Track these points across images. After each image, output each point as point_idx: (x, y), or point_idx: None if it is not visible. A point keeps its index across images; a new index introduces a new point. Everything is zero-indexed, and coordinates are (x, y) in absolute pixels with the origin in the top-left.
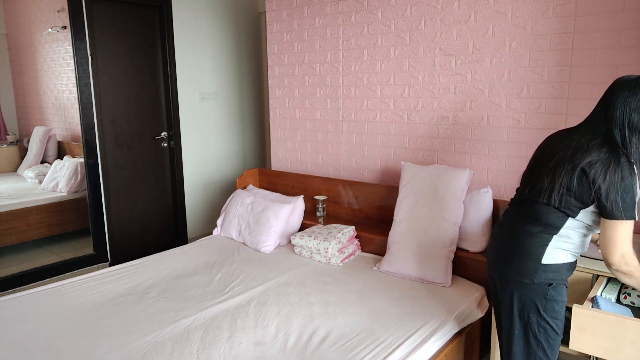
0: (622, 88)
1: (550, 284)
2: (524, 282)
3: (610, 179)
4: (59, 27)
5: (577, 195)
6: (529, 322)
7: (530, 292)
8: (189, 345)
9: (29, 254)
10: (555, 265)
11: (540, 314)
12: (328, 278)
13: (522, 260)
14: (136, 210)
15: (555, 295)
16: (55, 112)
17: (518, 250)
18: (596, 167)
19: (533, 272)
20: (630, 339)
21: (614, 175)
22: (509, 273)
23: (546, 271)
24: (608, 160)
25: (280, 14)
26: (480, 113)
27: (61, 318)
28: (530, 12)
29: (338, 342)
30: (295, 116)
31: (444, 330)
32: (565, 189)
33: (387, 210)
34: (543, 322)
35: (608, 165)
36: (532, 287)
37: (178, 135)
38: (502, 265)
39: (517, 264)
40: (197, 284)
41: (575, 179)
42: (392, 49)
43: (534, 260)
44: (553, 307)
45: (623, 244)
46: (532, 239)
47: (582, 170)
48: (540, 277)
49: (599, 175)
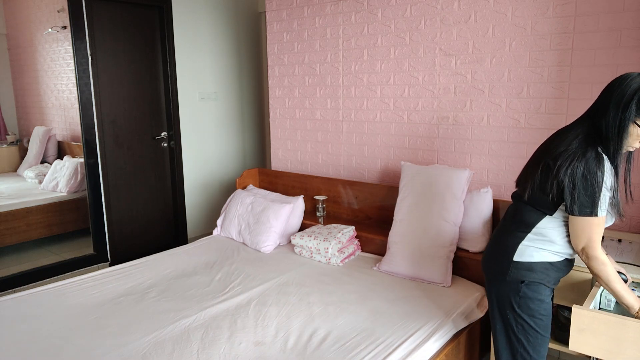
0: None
1: (523, 281)
2: (499, 279)
3: (572, 172)
4: (59, 27)
5: (543, 190)
6: (507, 317)
7: (505, 288)
8: (189, 345)
9: (29, 254)
10: (527, 264)
11: (515, 310)
12: (328, 278)
13: (498, 257)
14: (136, 210)
15: (529, 294)
16: (55, 112)
17: (496, 248)
18: (559, 162)
19: (506, 268)
20: (631, 340)
21: (576, 168)
22: (489, 270)
23: (518, 268)
24: (574, 153)
25: (280, 14)
26: (480, 113)
27: (61, 318)
28: (530, 12)
29: (338, 342)
30: (295, 116)
31: (444, 330)
32: (535, 185)
33: (387, 210)
34: (520, 320)
35: (572, 158)
36: (505, 283)
37: (178, 135)
38: (484, 263)
39: (494, 260)
40: (197, 284)
41: (541, 173)
42: (392, 49)
43: (506, 257)
44: (528, 305)
45: (584, 239)
46: (507, 236)
47: (547, 164)
48: (512, 274)
49: (561, 168)
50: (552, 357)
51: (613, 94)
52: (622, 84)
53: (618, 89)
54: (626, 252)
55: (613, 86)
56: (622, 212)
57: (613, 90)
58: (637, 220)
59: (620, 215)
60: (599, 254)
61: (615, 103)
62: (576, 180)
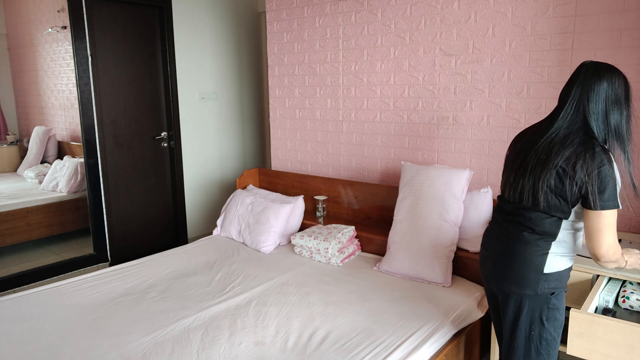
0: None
1: (553, 292)
2: (527, 294)
3: (588, 170)
4: (59, 27)
5: (561, 195)
6: (531, 334)
7: (534, 303)
8: (189, 345)
9: (29, 254)
10: (556, 274)
11: (543, 324)
12: (328, 278)
13: (524, 271)
14: (136, 210)
15: (557, 304)
16: (55, 112)
17: (516, 261)
18: (573, 161)
19: (535, 282)
20: (629, 344)
21: (591, 165)
22: (511, 285)
23: (548, 280)
24: (584, 152)
25: (280, 14)
26: (480, 113)
27: (61, 318)
28: (530, 12)
29: (338, 342)
30: (295, 116)
31: (444, 330)
32: (548, 190)
33: (387, 210)
34: (545, 333)
35: (584, 157)
36: (535, 298)
37: (178, 135)
38: (502, 277)
39: (518, 275)
40: (197, 284)
41: (555, 178)
42: (392, 49)
43: (536, 271)
44: (555, 316)
45: (608, 234)
46: (531, 248)
47: (561, 168)
48: (543, 287)
49: (577, 168)
50: None
51: (607, 94)
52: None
53: (609, 89)
54: None
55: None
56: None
57: (601, 90)
58: (637, 220)
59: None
60: (619, 247)
61: (617, 103)
62: (598, 177)
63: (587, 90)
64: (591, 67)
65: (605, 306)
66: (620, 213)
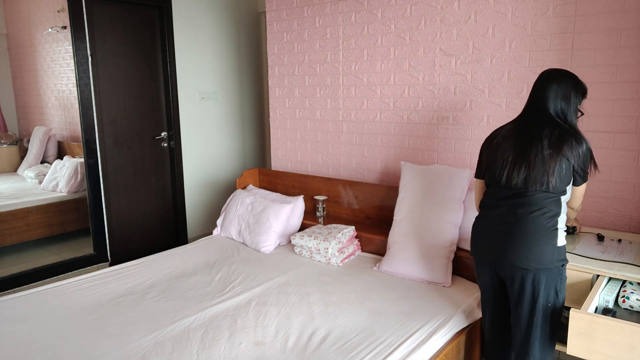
0: (551, 82)
1: (563, 264)
2: (547, 267)
3: (582, 155)
4: (59, 27)
5: (565, 179)
6: (548, 306)
7: (550, 276)
8: (189, 345)
9: (29, 254)
10: (564, 247)
11: (558, 294)
12: (328, 278)
13: (541, 246)
14: (136, 210)
15: (565, 273)
16: (55, 112)
17: (534, 238)
18: (573, 150)
19: (551, 256)
20: (629, 344)
21: (579, 150)
22: (529, 262)
23: (560, 252)
24: (573, 140)
25: (280, 14)
26: (480, 113)
27: (61, 318)
28: (530, 12)
29: (338, 342)
30: (295, 116)
31: (444, 330)
32: (558, 175)
33: (387, 210)
34: (557, 304)
35: (572, 146)
36: (552, 271)
37: (178, 135)
38: (517, 256)
39: (537, 251)
40: (197, 284)
41: (563, 166)
42: (392, 49)
43: (551, 245)
44: (564, 285)
45: (582, 200)
46: (544, 225)
47: (566, 158)
48: (557, 260)
49: (576, 156)
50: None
51: (557, 92)
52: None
53: (558, 88)
54: (626, 252)
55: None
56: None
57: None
58: (637, 220)
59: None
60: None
61: (564, 99)
62: (580, 155)
63: (542, 92)
64: (546, 73)
65: (605, 306)
66: (620, 213)
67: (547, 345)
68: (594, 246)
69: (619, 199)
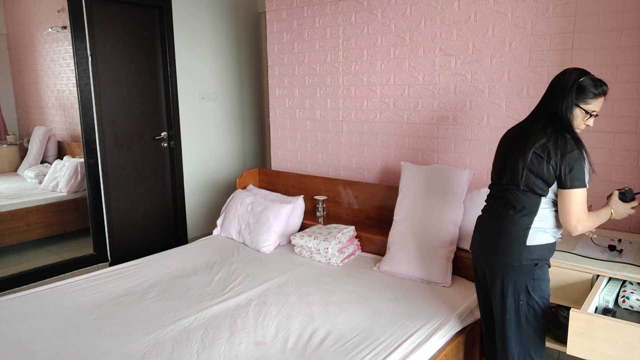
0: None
1: (536, 264)
2: (513, 265)
3: (561, 153)
4: (59, 27)
5: (538, 175)
6: (519, 304)
7: (519, 274)
8: (189, 345)
9: (29, 254)
10: (539, 247)
11: (530, 294)
12: (328, 278)
13: (508, 244)
14: (136, 210)
15: (541, 275)
16: (55, 112)
17: (502, 235)
18: (547, 147)
19: (519, 254)
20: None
21: (563, 149)
22: (497, 258)
23: (531, 252)
24: (556, 139)
25: (280, 14)
26: (480, 113)
27: (61, 318)
28: (530, 12)
29: (338, 342)
30: (295, 116)
31: (444, 330)
32: (527, 171)
33: (387, 210)
34: (532, 302)
35: (556, 144)
36: (520, 268)
37: (178, 135)
38: (490, 252)
39: (503, 248)
40: (197, 284)
41: (532, 160)
42: (392, 49)
43: (518, 243)
44: (540, 286)
45: (577, 211)
46: (515, 223)
47: (535, 152)
48: (527, 259)
49: (551, 152)
50: (552, 357)
51: (556, 87)
52: (563, 77)
53: (560, 82)
54: (626, 252)
55: (557, 82)
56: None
57: (557, 84)
58: (637, 220)
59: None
60: (588, 221)
61: (558, 93)
62: (565, 155)
63: (547, 88)
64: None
65: (605, 306)
66: None
67: (530, 344)
68: (593, 246)
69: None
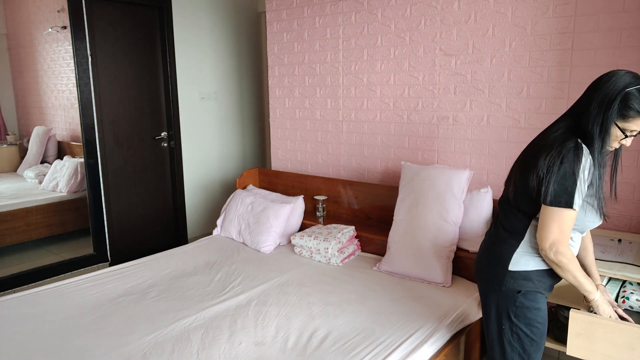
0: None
1: (519, 291)
2: (495, 288)
3: (549, 163)
4: (59, 27)
5: (525, 190)
6: (502, 328)
7: (501, 298)
8: (189, 345)
9: (29, 254)
10: (523, 272)
11: (512, 320)
12: (328, 278)
13: (493, 266)
14: (136, 210)
15: (526, 303)
16: (55, 112)
17: (489, 255)
18: (540, 151)
19: (502, 278)
20: (629, 345)
21: (554, 157)
22: (484, 279)
23: (514, 278)
24: (552, 143)
25: (280, 14)
26: (480, 113)
27: (61, 318)
28: (530, 12)
29: (338, 342)
30: (295, 116)
31: (444, 330)
32: (518, 182)
33: (387, 210)
34: (515, 328)
35: (550, 148)
36: (501, 293)
37: (178, 135)
38: (477, 270)
39: (489, 269)
40: (197, 284)
41: (521, 169)
42: (392, 49)
43: (502, 266)
44: (525, 314)
45: (554, 231)
46: (501, 244)
47: (527, 159)
48: (508, 284)
49: (539, 158)
50: (552, 357)
51: (597, 92)
52: (607, 82)
53: (603, 87)
54: (626, 252)
55: (599, 83)
56: (606, 213)
57: (598, 88)
58: (637, 220)
59: (604, 216)
60: (567, 249)
61: (599, 102)
62: (552, 167)
63: (583, 94)
64: (609, 73)
65: None
66: (620, 213)
67: None
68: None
69: (619, 199)
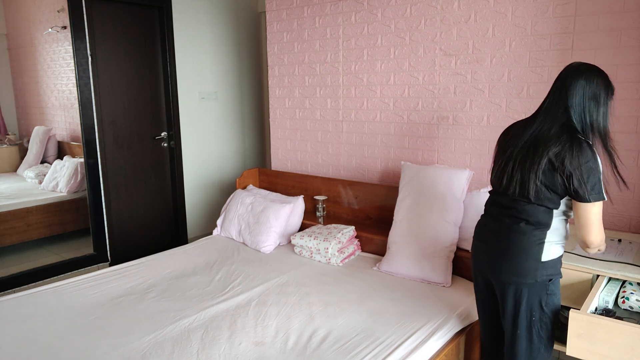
0: (578, 76)
1: (550, 279)
2: (527, 282)
3: (576, 164)
4: (59, 27)
5: (549, 187)
6: (532, 320)
7: (534, 291)
8: (189, 345)
9: (29, 254)
10: (552, 261)
11: (543, 309)
12: (328, 278)
13: (523, 260)
14: (136, 210)
15: (554, 289)
16: (55, 112)
17: (515, 252)
18: (561, 155)
19: (534, 271)
20: (629, 345)
21: (578, 160)
22: (511, 275)
23: (546, 268)
24: (571, 147)
25: (280, 14)
26: (480, 113)
27: (61, 318)
28: (530, 12)
29: (338, 342)
30: (295, 116)
31: (444, 330)
32: (538, 182)
33: (387, 210)
34: (545, 318)
35: (572, 152)
36: (535, 285)
37: (178, 135)
38: (500, 269)
39: (518, 265)
40: (197, 284)
41: (544, 170)
42: (392, 49)
43: (534, 259)
44: (553, 301)
45: (597, 224)
46: (528, 238)
47: (549, 161)
48: (542, 275)
49: (566, 162)
50: (552, 357)
51: (585, 90)
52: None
53: (586, 86)
54: (626, 252)
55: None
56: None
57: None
58: (637, 220)
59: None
60: (603, 236)
61: (594, 99)
62: (586, 169)
63: (566, 86)
64: (573, 67)
65: (605, 307)
66: (620, 213)
67: (537, 357)
68: None
69: (619, 199)
